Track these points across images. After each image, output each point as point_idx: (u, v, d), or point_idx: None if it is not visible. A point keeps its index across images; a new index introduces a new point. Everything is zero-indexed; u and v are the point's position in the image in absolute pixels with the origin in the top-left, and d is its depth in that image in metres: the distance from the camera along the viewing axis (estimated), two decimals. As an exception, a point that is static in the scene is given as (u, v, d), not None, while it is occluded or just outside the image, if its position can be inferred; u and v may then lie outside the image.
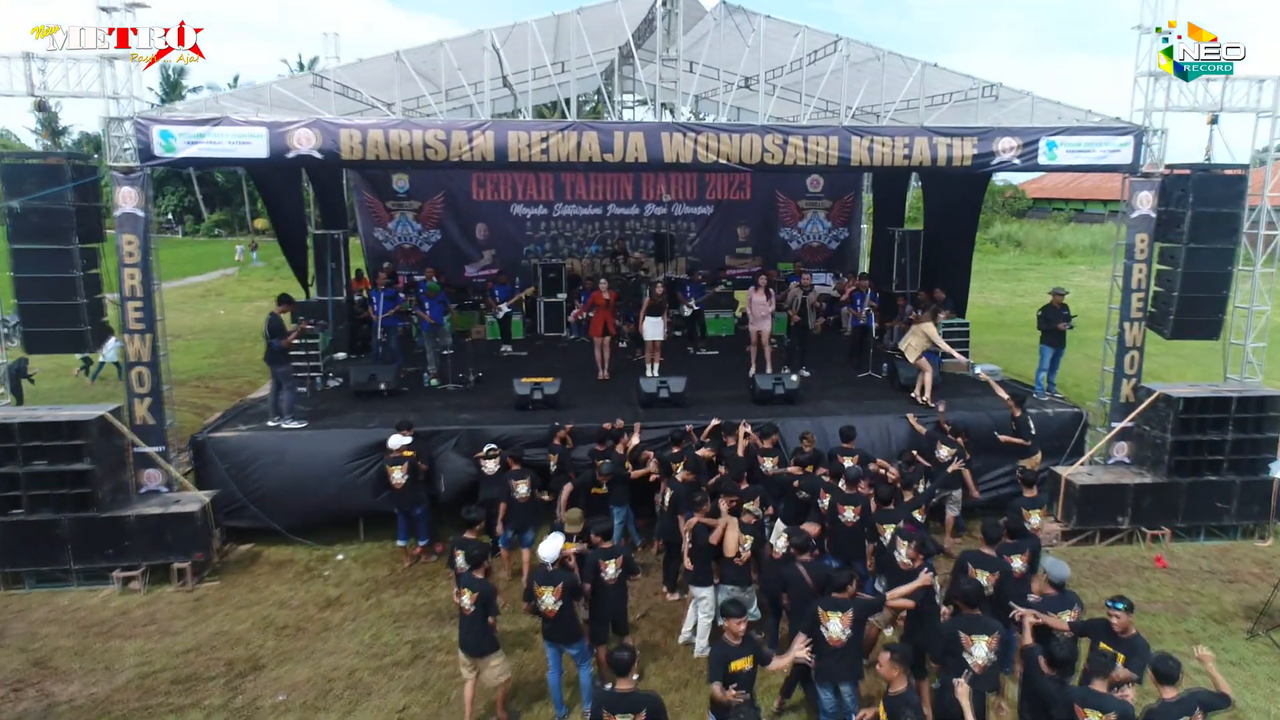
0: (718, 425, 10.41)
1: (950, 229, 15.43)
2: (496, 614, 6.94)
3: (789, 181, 19.52)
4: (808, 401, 11.99)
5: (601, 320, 13.13)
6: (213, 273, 39.70)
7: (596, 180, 19.11)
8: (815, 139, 10.08)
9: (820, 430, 10.78)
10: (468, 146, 9.65)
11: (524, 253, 19.04)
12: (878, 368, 13.59)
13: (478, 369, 13.49)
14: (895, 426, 11.17)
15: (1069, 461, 11.30)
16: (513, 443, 10.62)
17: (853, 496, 8.46)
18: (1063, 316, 12.25)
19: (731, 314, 17.61)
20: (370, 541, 10.71)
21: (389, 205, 18.60)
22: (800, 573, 6.96)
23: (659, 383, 11.56)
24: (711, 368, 14.27)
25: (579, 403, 11.91)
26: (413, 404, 11.91)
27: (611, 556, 7.30)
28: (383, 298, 13.21)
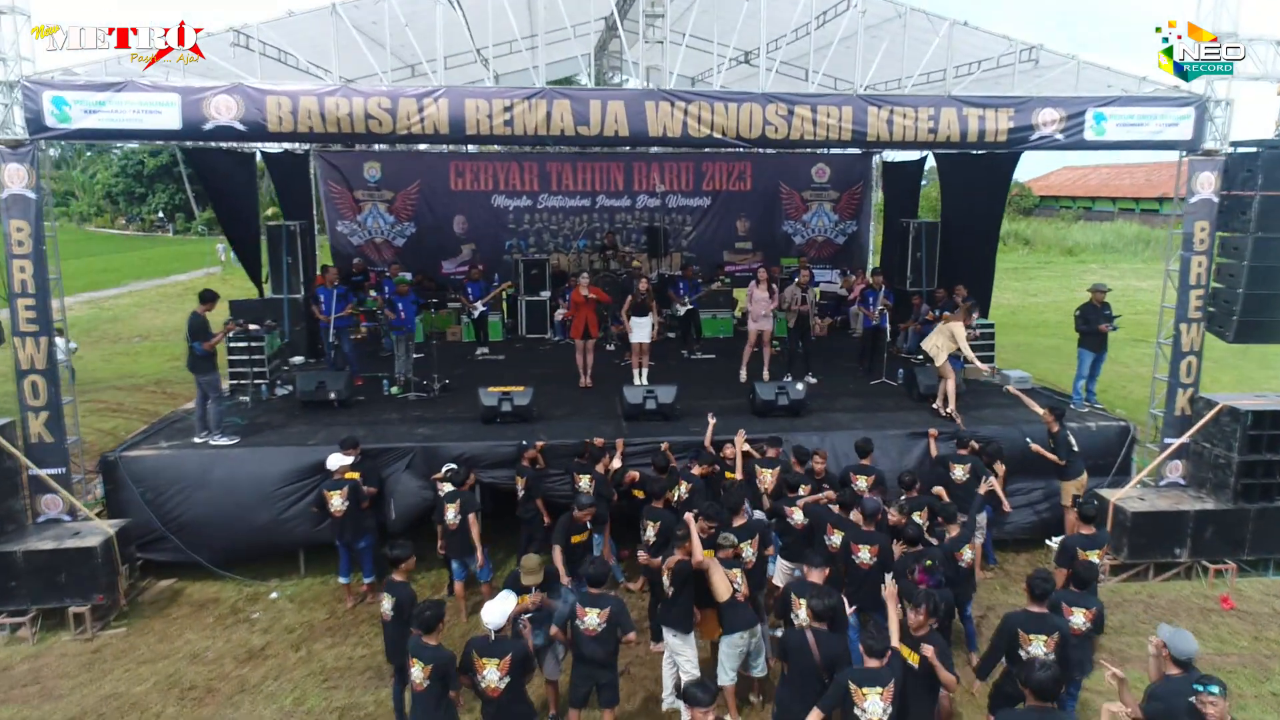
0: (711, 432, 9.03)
1: (971, 221, 13.96)
2: (458, 688, 5.51)
3: (792, 171, 18.10)
4: (815, 413, 10.56)
5: (583, 321, 11.70)
6: (196, 271, 38.35)
7: (584, 169, 17.68)
8: (826, 109, 8.63)
9: (829, 448, 9.37)
10: (418, 117, 8.21)
11: (506, 247, 17.61)
12: (892, 374, 12.15)
13: (446, 375, 12.06)
14: (913, 446, 9.71)
15: (1114, 483, 9.88)
16: (476, 462, 9.21)
17: (871, 535, 7.03)
18: (1104, 317, 10.80)
19: (730, 313, 16.18)
20: (311, 577, 9.29)
21: (359, 196, 17.17)
22: (807, 641, 5.51)
23: (645, 392, 10.12)
24: (707, 374, 12.82)
25: (555, 414, 10.48)
26: (366, 416, 10.49)
27: (598, 605, 5.87)
28: (334, 296, 11.76)
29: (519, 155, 17.89)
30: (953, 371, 10.42)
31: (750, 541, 7.10)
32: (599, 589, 5.91)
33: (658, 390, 10.12)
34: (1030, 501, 9.81)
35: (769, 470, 8.60)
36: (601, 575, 5.94)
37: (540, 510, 8.68)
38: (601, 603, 5.85)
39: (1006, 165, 13.09)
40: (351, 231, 17.27)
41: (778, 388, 10.33)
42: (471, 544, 8.14)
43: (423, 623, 5.53)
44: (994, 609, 8.37)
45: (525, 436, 9.60)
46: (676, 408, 10.16)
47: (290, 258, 13.36)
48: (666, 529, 7.54)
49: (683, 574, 6.40)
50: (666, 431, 9.74)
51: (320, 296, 11.91)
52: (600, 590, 5.92)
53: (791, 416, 10.30)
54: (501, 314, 15.82)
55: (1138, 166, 52.85)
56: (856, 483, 8.29)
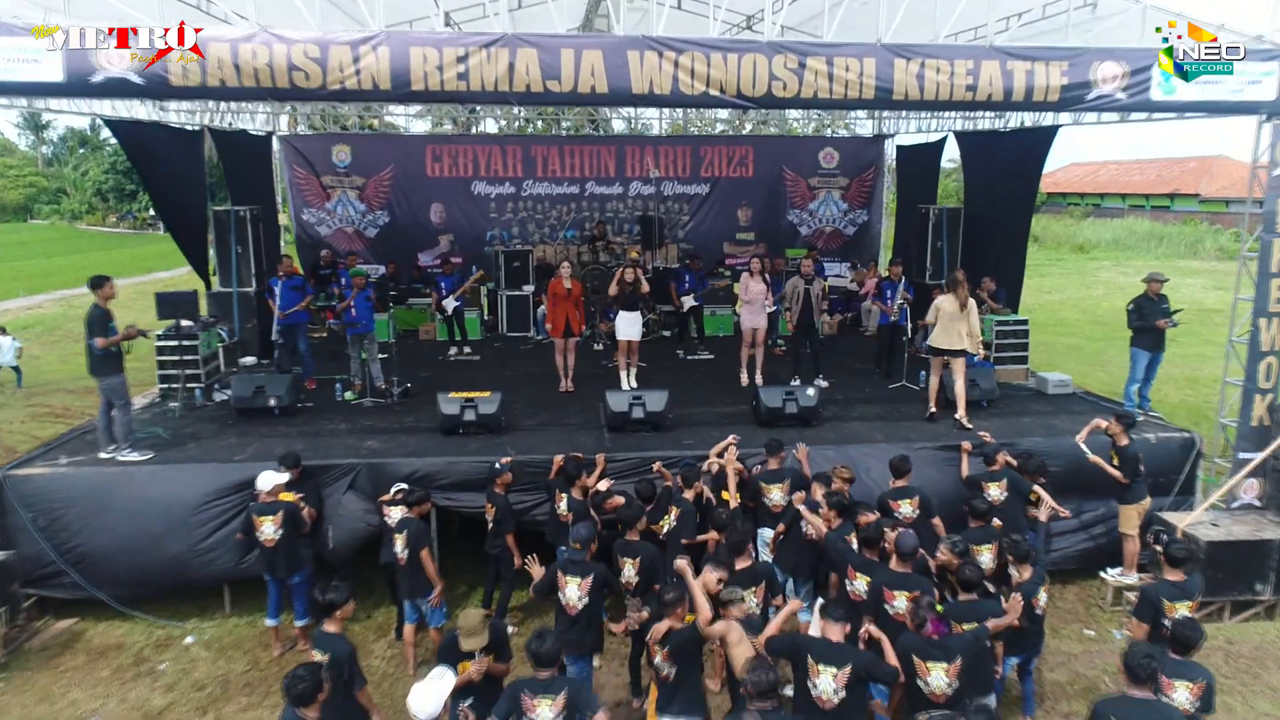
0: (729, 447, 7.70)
1: (999, 207, 12.55)
2: None
3: (798, 156, 16.71)
4: (828, 422, 9.16)
5: (563, 316, 10.30)
6: (181, 269, 36.91)
7: (572, 154, 16.29)
8: (844, 62, 7.22)
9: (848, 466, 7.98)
10: (352, 69, 6.80)
11: (487, 238, 16.23)
12: (913, 376, 10.74)
13: (410, 378, 10.67)
14: (946, 462, 8.29)
15: (1176, 505, 8.48)
16: (431, 481, 7.83)
17: (908, 578, 5.64)
18: (1162, 311, 9.37)
19: (731, 309, 14.75)
20: (237, 616, 7.90)
21: (327, 182, 15.79)
22: None
23: (632, 398, 8.71)
24: (705, 377, 11.43)
25: (527, 424, 9.08)
26: (310, 426, 9.09)
27: (550, 692, 4.47)
28: (284, 288, 10.37)
29: (501, 139, 16.52)
30: (959, 367, 9.05)
31: (754, 590, 5.72)
32: (548, 670, 4.50)
33: (646, 396, 8.72)
34: (1080, 525, 8.40)
35: (777, 485, 7.24)
36: (551, 655, 4.52)
37: (511, 550, 7.30)
38: (553, 688, 4.44)
39: (1040, 143, 11.67)
40: (319, 220, 15.90)
41: (785, 393, 8.92)
42: (424, 583, 6.74)
43: (295, 696, 4.17)
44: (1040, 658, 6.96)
45: (491, 450, 8.22)
46: (668, 417, 8.76)
47: (240, 247, 11.96)
48: (649, 565, 6.17)
49: (684, 648, 4.99)
50: (656, 444, 8.34)
51: (273, 288, 10.50)
52: (550, 672, 4.51)
53: (801, 426, 8.90)
54: (480, 310, 14.41)
55: (1148, 163, 51.69)
56: (898, 509, 6.92)
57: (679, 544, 6.82)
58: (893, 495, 7.06)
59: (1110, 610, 8.01)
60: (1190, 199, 45.82)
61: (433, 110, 18.71)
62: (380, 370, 10.37)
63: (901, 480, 7.26)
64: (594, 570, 5.88)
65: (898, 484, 7.20)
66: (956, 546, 6.07)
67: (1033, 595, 5.78)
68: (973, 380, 9.63)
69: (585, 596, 5.82)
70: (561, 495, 7.38)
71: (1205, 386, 15.53)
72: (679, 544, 6.82)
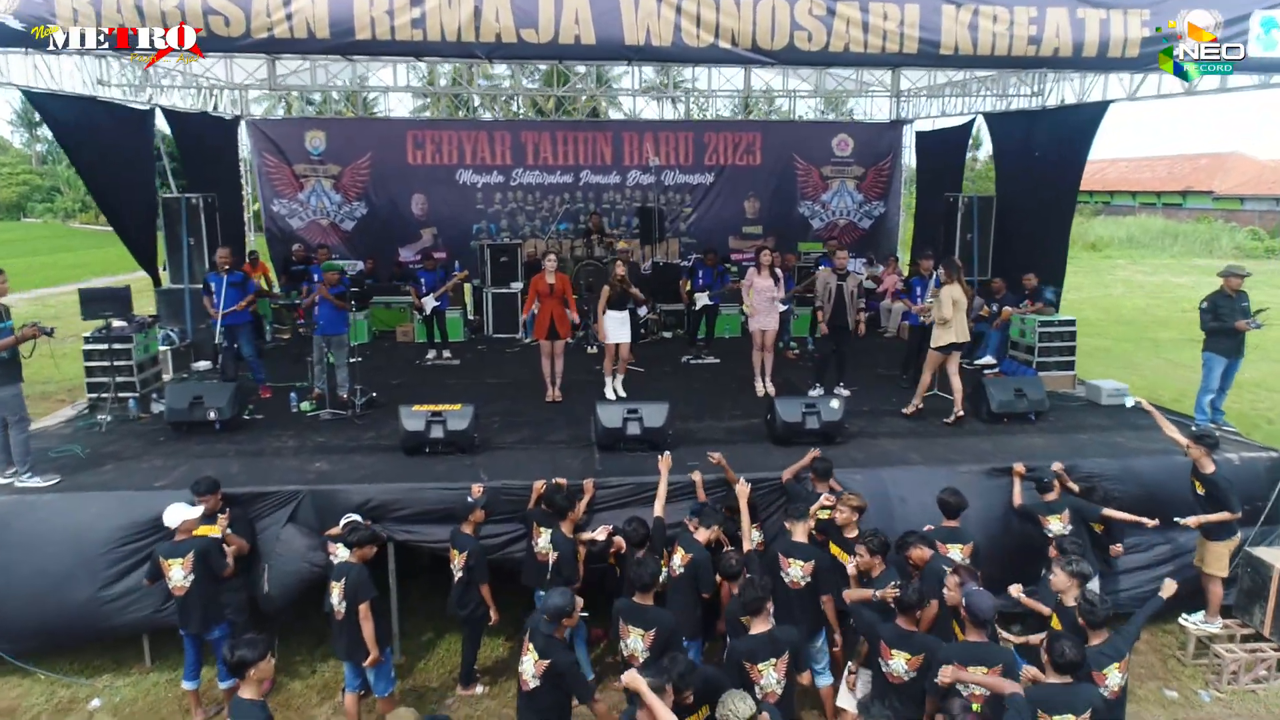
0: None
1: (1038, 194, 11.29)
2: None
3: (810, 143, 15.48)
4: (854, 439, 7.91)
5: (548, 317, 9.05)
6: (165, 266, 35.83)
7: (566, 140, 15.06)
8: (881, 8, 5.98)
9: (879, 493, 6.77)
10: (283, 14, 5.59)
11: (474, 231, 15.00)
12: (946, 384, 9.47)
13: (378, 386, 9.44)
14: (995, 488, 7.03)
15: (1264, 538, 7.22)
16: (387, 512, 6.60)
17: (980, 649, 4.41)
18: (1242, 311, 8.08)
19: (739, 308, 13.49)
20: (158, 672, 6.65)
21: (299, 170, 14.56)
22: None
23: (626, 412, 7.45)
24: (710, 384, 10.17)
25: (505, 442, 7.84)
26: (254, 444, 7.84)
27: None
28: (225, 285, 9.12)
29: (489, 124, 15.29)
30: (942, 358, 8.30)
31: (774, 662, 4.48)
32: None
33: (643, 410, 7.46)
34: (1151, 561, 7.14)
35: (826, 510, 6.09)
36: None
37: (487, 604, 6.08)
38: None
39: (1087, 123, 10.39)
40: (290, 212, 14.68)
41: (805, 406, 7.66)
42: (362, 644, 5.50)
43: None
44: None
45: (461, 473, 6.99)
46: (669, 434, 7.50)
47: (192, 238, 10.74)
48: (663, 640, 4.94)
49: None
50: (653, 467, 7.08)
51: (212, 285, 9.23)
52: None
53: (823, 444, 7.64)
54: (464, 310, 13.17)
55: (1159, 159, 50.59)
56: (948, 554, 5.68)
57: (688, 596, 5.63)
58: (943, 537, 5.83)
59: (1192, 665, 6.76)
60: (1203, 196, 44.78)
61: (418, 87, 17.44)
62: (347, 377, 9.13)
63: (953, 520, 6.05)
64: (557, 657, 4.62)
65: (948, 524, 5.99)
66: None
67: (1099, 669, 4.54)
68: (1018, 390, 8.40)
69: (538, 679, 4.59)
70: (540, 530, 6.17)
71: (1250, 392, 14.24)
72: (688, 596, 5.63)
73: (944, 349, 8.35)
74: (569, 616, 4.77)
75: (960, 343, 8.40)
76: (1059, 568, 5.04)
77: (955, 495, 6.09)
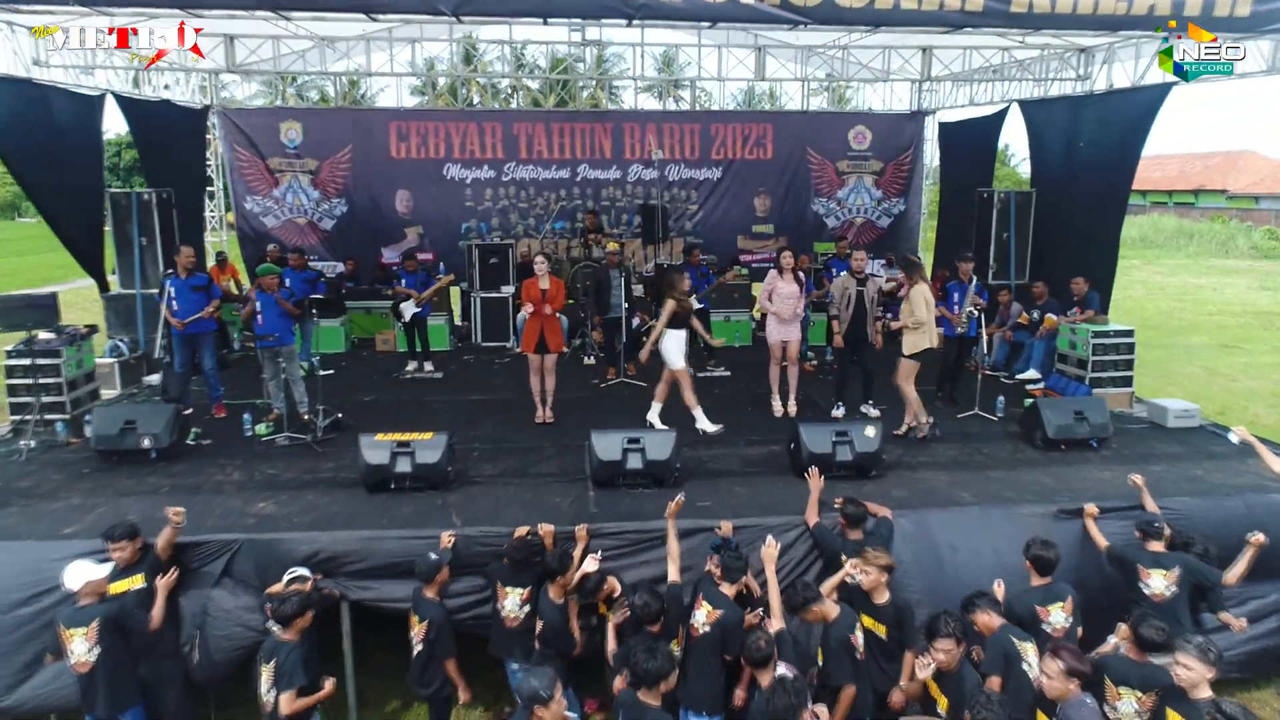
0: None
1: (1083, 190, 10.20)
2: None
3: (825, 136, 14.35)
4: (892, 470, 6.81)
5: (537, 327, 7.96)
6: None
7: (562, 132, 13.94)
8: (940, -46, 4.86)
9: (925, 540, 5.70)
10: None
11: (462, 230, 13.89)
12: (988, 403, 8.40)
13: (347, 403, 8.37)
14: (1065, 530, 5.92)
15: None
16: (340, 565, 5.52)
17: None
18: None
19: (748, 314, 12.42)
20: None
21: (274, 165, 13.46)
22: None
23: (625, 442, 6.34)
24: (720, 403, 9.03)
25: (485, 475, 6.74)
26: (193, 477, 6.74)
27: None
28: (182, 289, 8.04)
29: (479, 114, 14.21)
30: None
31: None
32: None
33: (646, 439, 6.35)
34: (1255, 615, 6.03)
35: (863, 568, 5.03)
36: None
37: (454, 682, 5.00)
38: None
39: (1144, 111, 9.28)
40: (265, 210, 13.57)
41: (835, 433, 6.55)
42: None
43: None
44: None
45: (430, 516, 5.90)
46: (676, 468, 6.39)
47: (144, 238, 9.67)
48: None
49: None
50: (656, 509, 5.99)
51: (169, 289, 8.15)
52: None
53: (857, 478, 6.56)
54: (450, 316, 12.08)
55: (1169, 158, 49.70)
56: (1046, 618, 4.73)
57: (712, 663, 4.57)
58: (1039, 599, 4.84)
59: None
60: (1216, 195, 43.96)
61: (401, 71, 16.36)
62: (305, 393, 8.04)
63: (1044, 578, 5.02)
64: None
65: (1040, 582, 4.97)
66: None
67: None
68: (1078, 412, 7.29)
69: None
70: (506, 590, 5.11)
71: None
72: (712, 663, 4.57)
73: (920, 356, 7.54)
74: (544, 706, 3.72)
75: (933, 347, 7.66)
76: (1192, 655, 3.93)
77: (1049, 548, 5.10)
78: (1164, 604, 5.20)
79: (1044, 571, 5.12)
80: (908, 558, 5.65)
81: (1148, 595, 5.24)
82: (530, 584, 5.17)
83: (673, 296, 7.47)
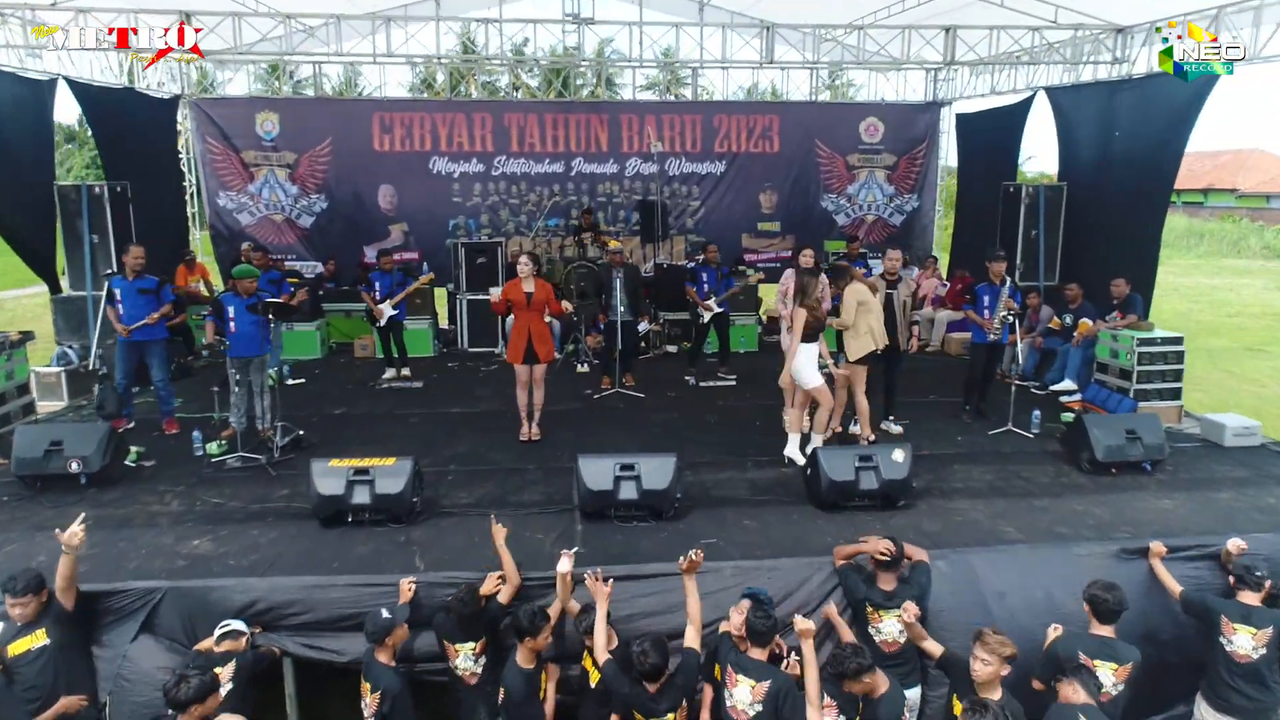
0: None
1: (1117, 183, 9.38)
2: None
3: (834, 128, 13.53)
4: (924, 500, 5.97)
5: (524, 334, 7.12)
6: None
7: (556, 123, 13.12)
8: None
9: (968, 586, 4.89)
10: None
11: (450, 227, 13.07)
12: (1022, 419, 7.55)
13: (313, 417, 7.56)
14: (1128, 570, 5.09)
15: None
16: (281, 618, 4.70)
17: None
18: None
19: (755, 317, 11.58)
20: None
21: (249, 159, 12.64)
22: None
23: (617, 469, 5.50)
24: (727, 416, 8.20)
25: (459, 503, 5.91)
26: (124, 507, 5.90)
27: None
28: (129, 291, 7.24)
29: (467, 105, 13.36)
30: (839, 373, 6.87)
31: None
32: None
33: (641, 465, 5.51)
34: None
35: (893, 613, 4.35)
36: None
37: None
38: None
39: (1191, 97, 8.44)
40: (239, 207, 12.75)
41: (859, 457, 5.71)
42: None
43: None
44: None
45: (390, 556, 5.09)
46: (676, 498, 5.56)
47: (96, 235, 8.86)
48: None
49: None
50: (658, 545, 5.16)
51: (116, 292, 7.33)
52: None
53: (883, 509, 5.73)
54: (434, 320, 11.25)
55: (1176, 157, 48.75)
56: (1100, 674, 3.92)
57: None
58: (1091, 650, 4.05)
59: None
60: (1226, 194, 43.19)
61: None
62: (270, 406, 7.22)
63: (1105, 628, 4.20)
64: None
65: (1100, 631, 4.16)
66: None
67: None
68: (1130, 432, 6.45)
69: None
70: (456, 649, 4.31)
71: None
72: None
73: (866, 360, 6.82)
74: None
75: (882, 351, 7.01)
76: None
77: (1111, 591, 4.29)
78: (1247, 665, 4.41)
79: (1105, 618, 4.32)
80: (948, 606, 4.83)
81: (1228, 653, 4.44)
82: (483, 634, 4.40)
83: (805, 305, 6.47)
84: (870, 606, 4.56)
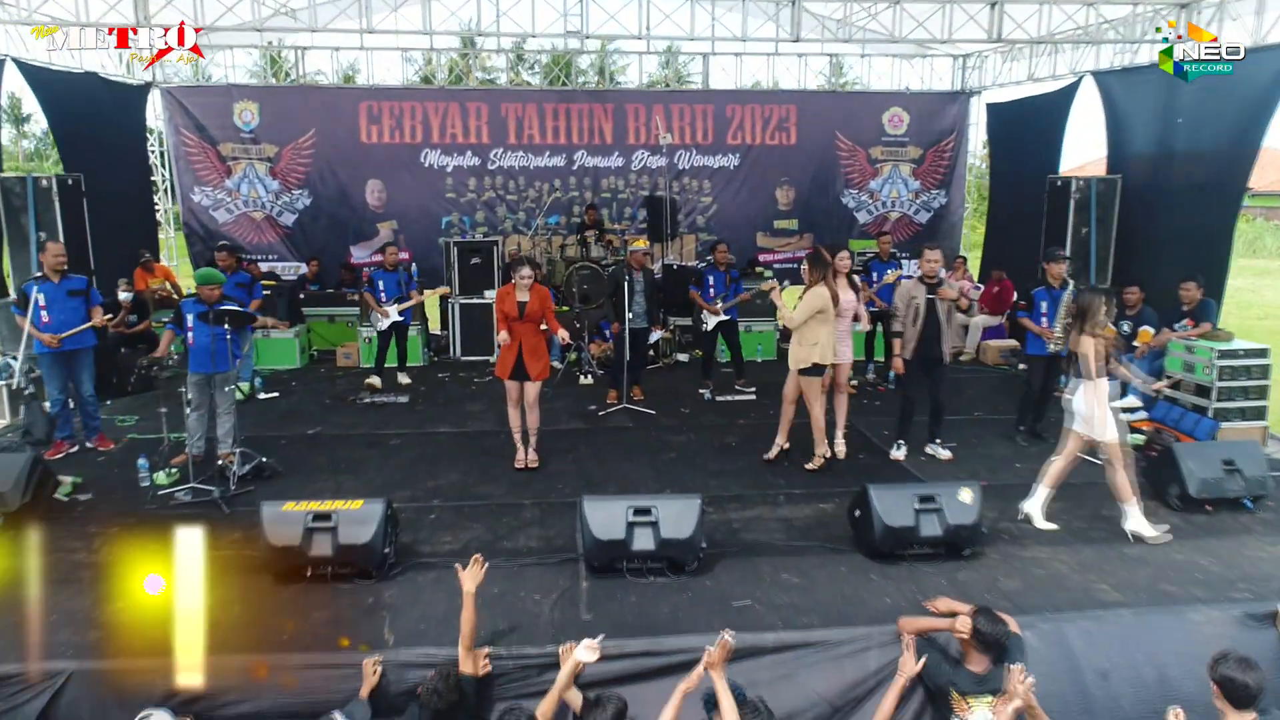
0: None
1: (1177, 177, 8.44)
2: None
3: (855, 119, 12.61)
4: (993, 547, 5.03)
5: (514, 349, 6.18)
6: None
7: (557, 114, 12.19)
8: None
9: (1063, 663, 4.00)
10: None
11: (442, 225, 12.15)
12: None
13: (280, 440, 6.62)
14: (1256, 647, 4.15)
15: None
16: (214, 709, 3.78)
17: None
18: None
19: (773, 323, 10.63)
20: None
21: (227, 152, 11.72)
22: None
23: (631, 514, 4.56)
24: (750, 437, 7.24)
25: (441, 548, 4.97)
26: (42, 557, 4.97)
27: None
28: (54, 295, 6.32)
29: (461, 94, 12.43)
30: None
31: None
32: None
33: (659, 509, 4.57)
34: None
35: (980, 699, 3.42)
36: None
37: None
38: None
39: (1271, 73, 7.51)
40: (215, 203, 11.83)
41: (919, 498, 4.77)
42: None
43: None
44: None
45: (357, 621, 4.16)
46: (701, 547, 4.62)
47: (43, 232, 7.94)
48: None
49: None
50: (680, 617, 4.23)
51: (38, 297, 6.39)
52: None
53: (948, 559, 4.79)
54: (424, 325, 10.32)
55: (1187, 154, 47.88)
56: None
57: None
58: None
59: None
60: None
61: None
62: (234, 427, 6.29)
63: (1245, 715, 3.28)
64: None
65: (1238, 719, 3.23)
66: None
67: None
68: (1226, 462, 5.51)
69: None
70: None
71: None
72: None
73: (811, 372, 6.05)
74: None
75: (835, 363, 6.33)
76: None
77: (1249, 671, 3.36)
78: None
79: (1241, 704, 3.39)
80: (1040, 689, 3.89)
81: None
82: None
83: (1091, 333, 5.06)
84: (957, 692, 3.64)
